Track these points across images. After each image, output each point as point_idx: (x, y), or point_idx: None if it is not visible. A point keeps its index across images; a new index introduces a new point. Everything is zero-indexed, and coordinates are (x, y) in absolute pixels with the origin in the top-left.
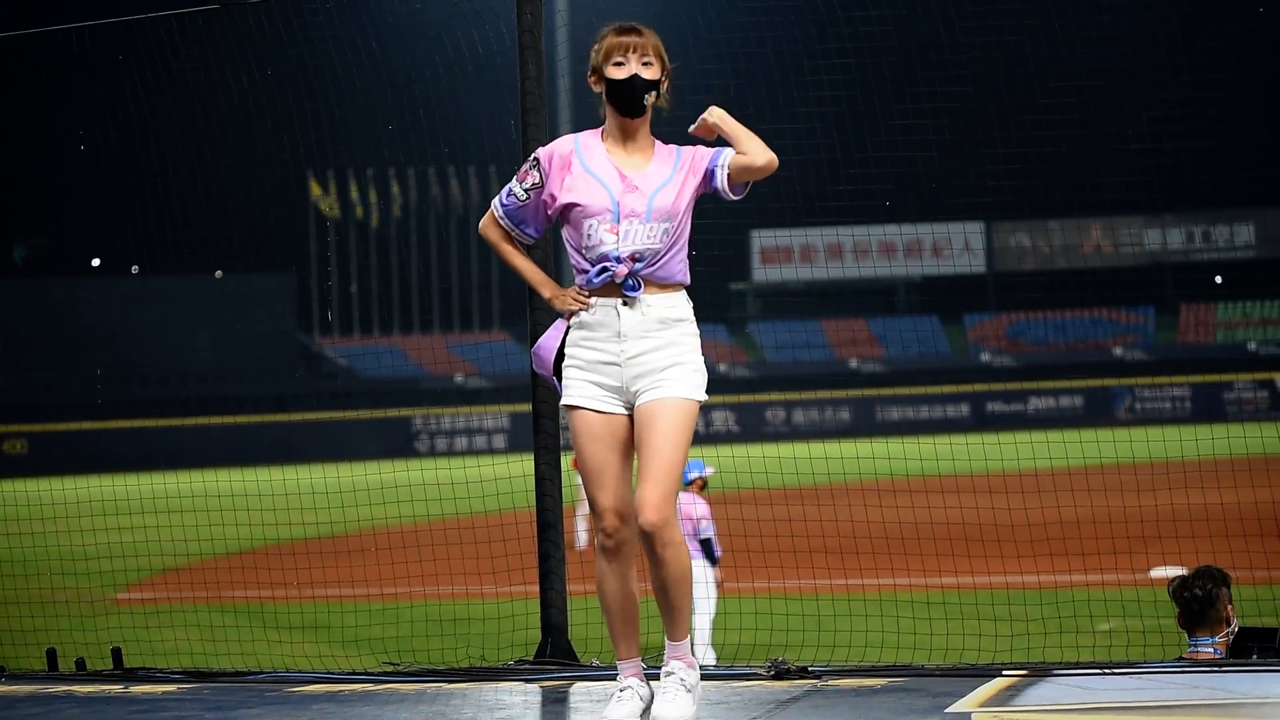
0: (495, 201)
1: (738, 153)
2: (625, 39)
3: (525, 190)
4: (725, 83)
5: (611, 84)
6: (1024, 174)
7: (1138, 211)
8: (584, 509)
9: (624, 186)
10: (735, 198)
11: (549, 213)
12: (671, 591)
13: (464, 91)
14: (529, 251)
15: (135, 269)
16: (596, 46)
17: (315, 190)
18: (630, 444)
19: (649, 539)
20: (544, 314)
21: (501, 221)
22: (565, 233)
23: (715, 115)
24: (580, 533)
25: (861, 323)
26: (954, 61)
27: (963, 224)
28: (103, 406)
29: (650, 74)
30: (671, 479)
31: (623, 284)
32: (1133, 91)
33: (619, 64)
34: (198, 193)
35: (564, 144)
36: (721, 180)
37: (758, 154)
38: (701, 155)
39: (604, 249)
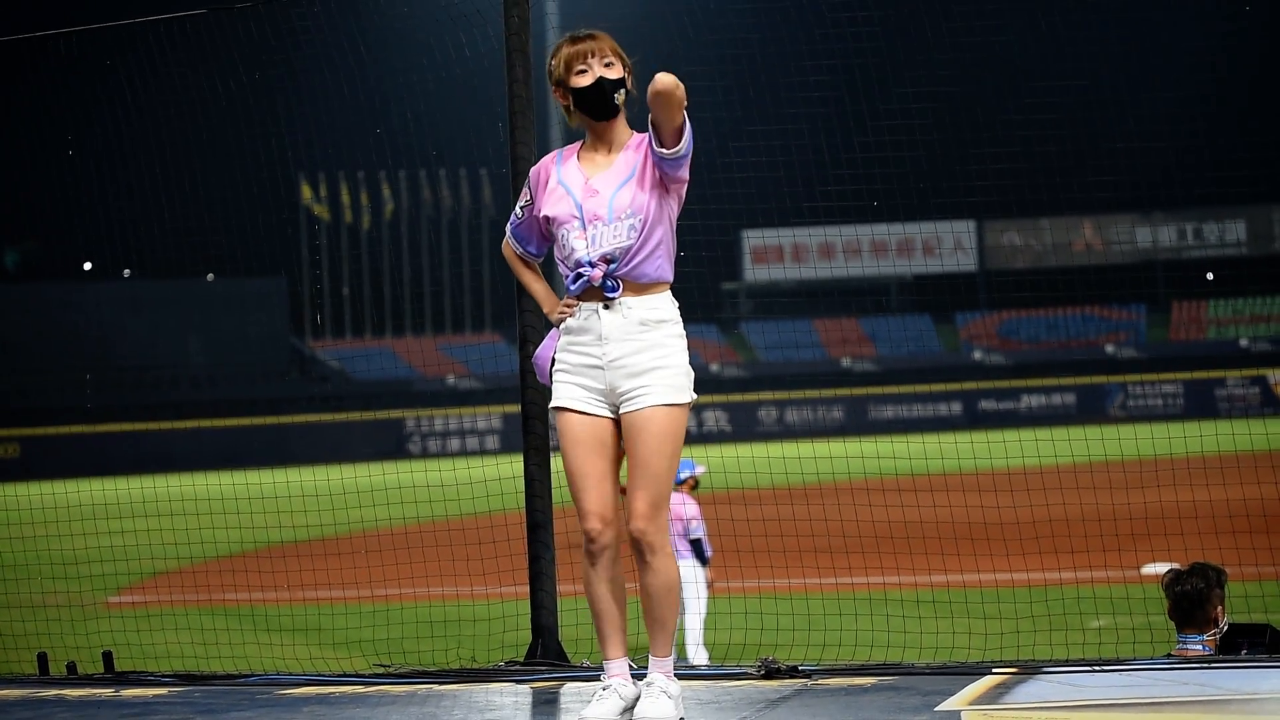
0: (508, 223)
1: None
2: (582, 46)
3: (521, 209)
4: (713, 84)
5: (579, 92)
6: (1014, 172)
7: (1128, 209)
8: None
9: (585, 192)
10: (676, 151)
11: (543, 230)
12: (658, 602)
13: (453, 95)
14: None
15: (126, 273)
16: (554, 61)
17: (306, 193)
18: (615, 447)
19: (638, 546)
20: (533, 315)
21: (510, 241)
22: (554, 248)
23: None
24: None
25: (853, 322)
26: (942, 60)
27: (953, 223)
28: (95, 410)
29: (614, 74)
30: (661, 487)
31: (601, 286)
32: (1122, 89)
33: (581, 71)
34: (188, 197)
35: (547, 160)
36: (654, 139)
37: (656, 85)
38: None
39: (577, 255)
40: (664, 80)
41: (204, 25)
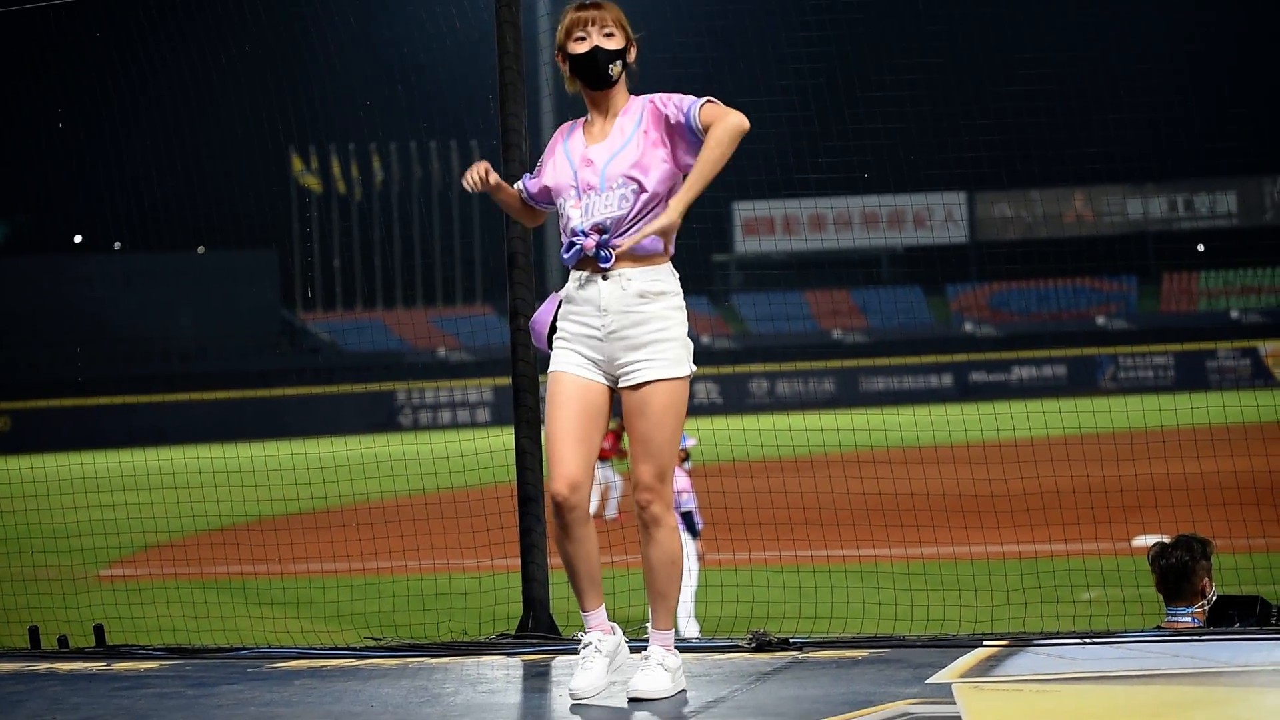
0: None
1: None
2: (584, 13)
3: (534, 179)
4: (704, 55)
5: (575, 59)
6: (1005, 144)
7: (1119, 181)
8: (597, 478)
9: (581, 161)
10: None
11: (545, 195)
12: (659, 574)
13: (444, 67)
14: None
15: (117, 245)
16: (560, 26)
17: (297, 165)
18: (602, 415)
19: (642, 518)
20: (524, 288)
21: (519, 187)
22: (558, 220)
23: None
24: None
25: (844, 294)
26: (933, 31)
27: (944, 194)
28: (86, 383)
29: (613, 44)
30: (665, 458)
31: (595, 255)
32: (1113, 60)
33: (580, 38)
34: (179, 169)
35: (560, 130)
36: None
37: (727, 145)
38: (663, 104)
39: (572, 224)
40: (737, 131)
41: None
